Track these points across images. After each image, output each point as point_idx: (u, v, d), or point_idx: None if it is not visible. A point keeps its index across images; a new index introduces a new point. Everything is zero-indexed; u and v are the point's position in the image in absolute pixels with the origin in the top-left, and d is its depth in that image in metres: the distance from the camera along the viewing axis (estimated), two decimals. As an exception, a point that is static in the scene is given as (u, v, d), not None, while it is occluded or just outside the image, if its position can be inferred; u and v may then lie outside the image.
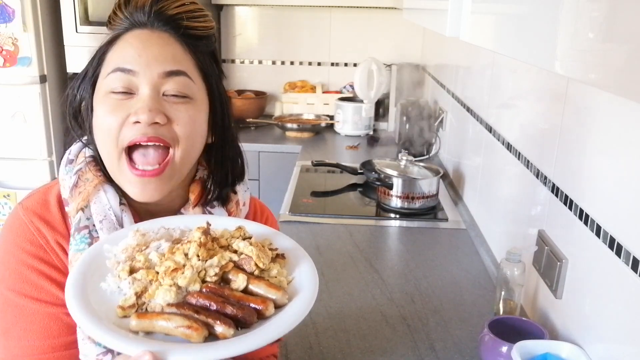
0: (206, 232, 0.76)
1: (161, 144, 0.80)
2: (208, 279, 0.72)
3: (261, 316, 0.69)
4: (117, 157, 0.81)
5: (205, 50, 0.88)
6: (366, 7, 3.17)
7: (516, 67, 1.53)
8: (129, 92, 0.80)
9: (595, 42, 0.48)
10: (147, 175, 0.81)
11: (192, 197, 0.90)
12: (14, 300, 0.81)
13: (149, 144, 0.80)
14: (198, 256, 0.73)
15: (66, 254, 0.82)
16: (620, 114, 0.98)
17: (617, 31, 0.45)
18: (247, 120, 3.12)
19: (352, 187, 2.23)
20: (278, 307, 0.71)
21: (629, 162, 0.93)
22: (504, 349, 1.07)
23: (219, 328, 0.65)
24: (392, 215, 1.98)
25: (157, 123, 0.79)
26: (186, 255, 0.73)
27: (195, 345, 0.64)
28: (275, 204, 2.06)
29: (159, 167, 0.81)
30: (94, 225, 0.83)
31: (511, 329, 1.14)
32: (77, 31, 2.86)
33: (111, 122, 0.80)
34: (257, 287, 0.72)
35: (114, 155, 0.81)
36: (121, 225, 0.83)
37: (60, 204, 0.85)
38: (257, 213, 1.02)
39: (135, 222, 0.86)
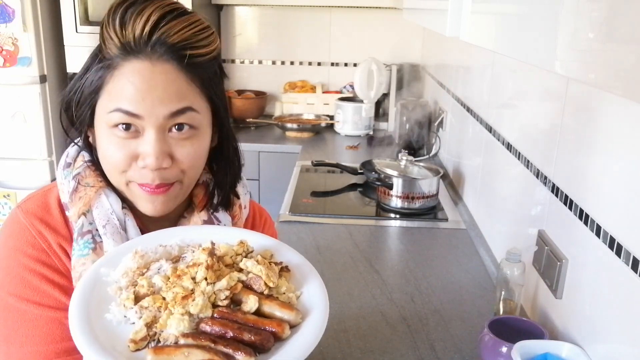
0: (212, 252, 0.75)
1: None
2: (219, 302, 0.70)
3: (277, 338, 0.68)
4: (125, 184, 0.82)
5: (210, 70, 0.83)
6: (366, 7, 3.17)
7: (516, 67, 1.53)
8: (133, 130, 0.78)
9: (595, 42, 0.48)
10: (156, 193, 0.81)
11: (197, 201, 0.90)
12: (16, 306, 0.79)
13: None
14: (206, 279, 0.71)
15: (69, 257, 0.81)
16: (620, 114, 0.98)
17: (617, 31, 0.45)
18: (247, 120, 3.12)
19: (352, 187, 2.24)
20: (292, 326, 0.70)
21: (629, 162, 0.93)
22: (504, 349, 1.07)
23: (240, 358, 0.64)
24: (392, 215, 1.98)
25: (163, 168, 0.79)
26: (193, 279, 0.72)
27: None
28: (275, 204, 2.06)
29: (165, 186, 0.81)
30: (96, 229, 0.82)
31: (511, 329, 1.14)
32: (77, 31, 2.86)
33: (117, 158, 0.79)
34: (269, 308, 0.71)
35: (122, 182, 0.82)
36: (124, 230, 0.83)
37: (61, 207, 0.84)
38: (256, 216, 1.03)
39: (138, 225, 0.85)
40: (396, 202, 1.97)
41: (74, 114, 0.84)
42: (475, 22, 0.91)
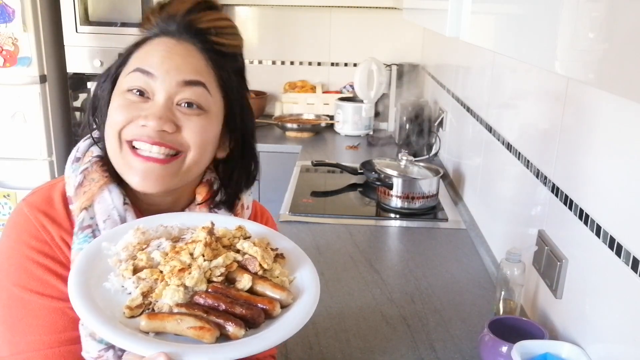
0: (211, 231, 0.76)
1: (168, 149, 0.81)
2: (214, 279, 0.73)
3: (268, 316, 0.70)
4: (118, 146, 0.82)
5: (230, 67, 0.88)
6: (366, 7, 3.16)
7: (516, 67, 1.53)
8: (145, 95, 0.81)
9: (595, 42, 0.48)
10: (151, 160, 0.81)
11: (200, 197, 0.91)
12: (20, 296, 0.81)
13: (154, 146, 0.80)
14: (203, 256, 0.73)
15: (70, 250, 0.83)
16: (620, 114, 0.98)
17: (617, 31, 0.45)
18: (247, 120, 3.12)
19: (352, 187, 2.24)
20: (283, 307, 0.72)
21: (629, 162, 0.93)
22: (504, 349, 1.07)
23: (230, 328, 0.66)
24: (392, 215, 1.98)
25: (164, 131, 0.80)
26: (191, 254, 0.73)
27: (209, 346, 0.65)
28: (275, 204, 2.06)
29: (166, 157, 0.81)
30: (97, 224, 0.83)
31: (511, 329, 1.14)
32: (77, 31, 2.87)
33: (119, 117, 0.81)
34: (262, 287, 0.73)
35: (115, 145, 0.82)
36: None
37: (65, 201, 0.86)
38: (257, 215, 1.04)
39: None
40: (396, 202, 1.97)
41: (97, 96, 0.87)
42: (475, 22, 0.91)
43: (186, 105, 0.82)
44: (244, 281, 0.72)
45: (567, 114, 1.18)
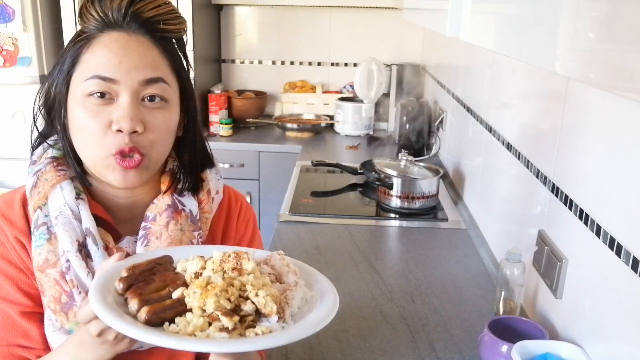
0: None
1: (140, 155, 0.84)
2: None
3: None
4: (104, 157, 0.84)
5: (180, 50, 0.91)
6: (366, 7, 3.16)
7: (516, 67, 1.53)
8: (107, 97, 0.82)
9: (595, 42, 0.48)
10: (129, 167, 0.84)
11: (163, 187, 0.93)
12: None
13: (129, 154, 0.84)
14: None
15: (24, 249, 0.88)
16: (620, 114, 0.98)
17: (617, 31, 0.45)
18: (247, 120, 3.12)
19: (352, 187, 2.23)
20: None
21: (629, 162, 0.93)
22: (504, 349, 1.07)
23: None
24: (392, 215, 1.98)
25: (135, 132, 0.82)
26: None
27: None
28: (275, 204, 2.06)
29: (136, 159, 0.84)
30: (51, 221, 0.86)
31: (511, 329, 1.14)
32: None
33: (93, 127, 0.82)
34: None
35: (101, 155, 0.84)
36: (78, 220, 0.86)
37: (24, 202, 0.90)
38: (231, 201, 1.04)
39: (97, 214, 0.88)
40: (396, 202, 1.97)
41: (51, 97, 0.88)
42: (475, 22, 0.91)
43: (149, 98, 0.84)
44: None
45: (567, 114, 1.18)
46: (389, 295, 1.44)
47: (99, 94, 0.82)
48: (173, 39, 0.89)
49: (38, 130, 0.92)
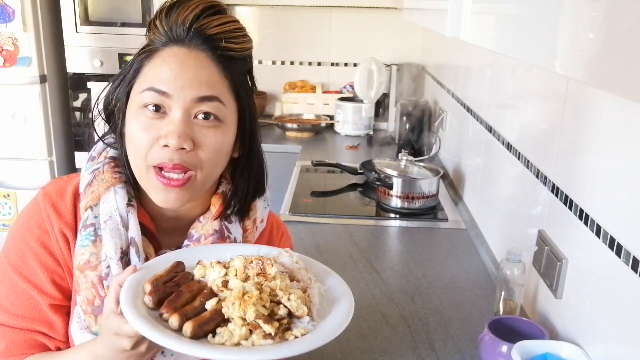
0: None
1: (185, 173, 0.83)
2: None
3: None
4: (145, 170, 0.84)
5: (241, 69, 0.88)
6: (366, 7, 3.16)
7: (516, 67, 1.53)
8: (161, 110, 0.82)
9: (595, 42, 0.48)
10: (171, 185, 0.83)
11: (214, 209, 0.92)
12: (10, 274, 0.87)
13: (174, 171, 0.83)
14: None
15: (67, 243, 0.87)
16: (620, 114, 0.98)
17: (617, 31, 0.45)
18: (247, 120, 3.12)
19: (352, 187, 2.23)
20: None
21: (629, 162, 0.93)
22: (504, 349, 1.07)
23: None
24: (392, 215, 1.98)
25: (183, 149, 0.81)
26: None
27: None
28: (275, 204, 2.05)
29: (182, 178, 0.83)
30: (99, 224, 0.86)
31: (511, 329, 1.14)
32: (77, 31, 2.87)
33: (142, 139, 0.82)
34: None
35: (142, 167, 0.84)
36: (126, 227, 0.86)
37: (76, 196, 0.89)
38: (273, 229, 1.04)
39: (143, 223, 0.88)
40: (396, 202, 1.97)
41: (112, 104, 0.88)
42: (475, 22, 0.91)
43: (203, 116, 0.82)
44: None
45: (567, 114, 1.18)
46: (389, 295, 1.44)
47: (153, 107, 0.81)
48: (236, 58, 0.86)
49: (97, 134, 0.92)
